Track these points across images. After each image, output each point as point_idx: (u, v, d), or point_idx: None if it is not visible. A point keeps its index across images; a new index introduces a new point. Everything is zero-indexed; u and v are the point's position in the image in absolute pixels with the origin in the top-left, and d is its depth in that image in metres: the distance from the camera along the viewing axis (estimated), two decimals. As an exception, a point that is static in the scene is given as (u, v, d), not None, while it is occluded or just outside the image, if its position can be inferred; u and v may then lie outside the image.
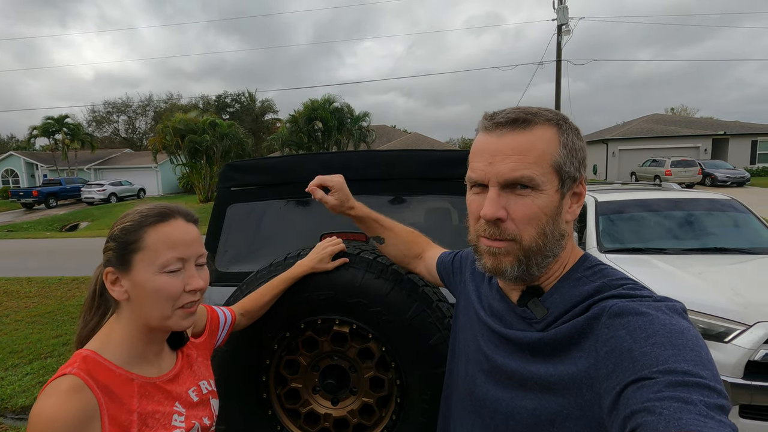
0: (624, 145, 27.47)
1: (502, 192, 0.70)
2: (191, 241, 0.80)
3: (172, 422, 0.77)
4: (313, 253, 1.29)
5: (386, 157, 1.84)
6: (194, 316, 0.81)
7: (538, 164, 0.68)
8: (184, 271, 0.79)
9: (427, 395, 1.26)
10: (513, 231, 0.70)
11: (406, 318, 1.25)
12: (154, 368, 0.81)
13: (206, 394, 0.88)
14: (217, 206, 1.97)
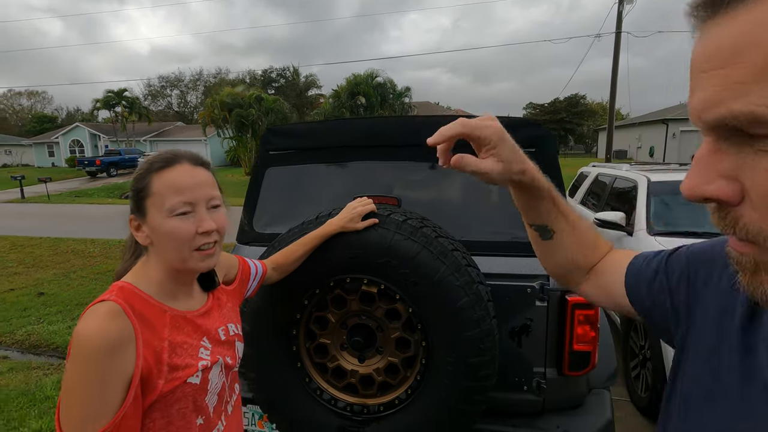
0: (687, 126, 25.37)
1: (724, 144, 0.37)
2: (197, 184, 0.82)
3: (198, 353, 0.81)
4: (343, 213, 1.30)
5: (428, 122, 1.80)
6: (213, 258, 0.84)
7: None
8: (194, 214, 0.81)
9: (452, 358, 1.27)
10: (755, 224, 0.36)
11: (434, 281, 1.25)
12: (185, 305, 0.86)
13: (233, 336, 0.93)
14: (256, 169, 2.03)
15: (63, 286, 6.70)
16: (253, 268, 1.14)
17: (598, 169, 5.65)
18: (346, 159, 1.89)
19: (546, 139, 1.75)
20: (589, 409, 1.73)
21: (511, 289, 1.63)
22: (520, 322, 1.64)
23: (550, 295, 1.63)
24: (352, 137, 1.87)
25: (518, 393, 1.67)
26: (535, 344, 1.65)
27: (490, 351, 1.26)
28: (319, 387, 1.42)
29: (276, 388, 1.42)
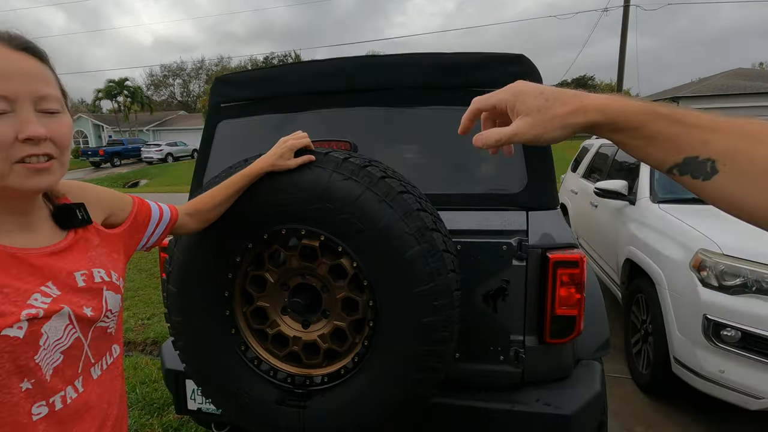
0: (697, 104, 24.61)
1: None
2: (17, 74, 0.61)
3: (28, 300, 0.63)
4: (272, 149, 1.10)
5: (386, 62, 1.58)
6: (46, 177, 0.64)
7: None
8: (14, 115, 0.61)
9: (402, 318, 1.08)
10: None
11: (379, 227, 1.05)
12: (20, 240, 0.67)
13: (99, 283, 0.73)
14: (207, 124, 1.84)
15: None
16: (156, 212, 0.94)
17: (600, 141, 5.36)
18: (305, 107, 1.68)
19: (527, 76, 1.52)
20: (575, 381, 1.53)
21: (485, 246, 1.43)
22: (495, 284, 1.44)
23: (529, 253, 1.42)
24: (310, 83, 1.66)
25: (494, 364, 1.48)
26: (513, 309, 1.45)
27: (447, 309, 1.07)
28: (257, 356, 1.24)
29: (207, 357, 1.24)
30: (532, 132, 0.55)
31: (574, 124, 0.53)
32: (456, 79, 1.52)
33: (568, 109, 0.53)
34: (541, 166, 1.49)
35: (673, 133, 0.47)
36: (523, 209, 1.46)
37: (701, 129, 0.46)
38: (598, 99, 0.52)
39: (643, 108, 0.49)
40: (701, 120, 0.47)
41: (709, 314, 2.27)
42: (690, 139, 0.46)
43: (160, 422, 2.53)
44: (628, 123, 0.49)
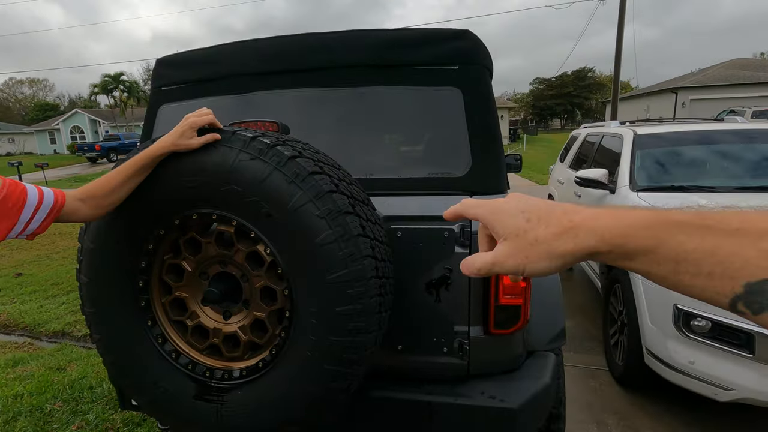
0: (697, 95, 24.42)
1: None
2: None
3: None
4: (175, 128, 1.02)
5: (327, 39, 1.50)
6: None
7: None
8: None
9: (315, 307, 1.01)
10: None
11: (288, 210, 0.98)
12: None
13: None
14: (148, 109, 1.76)
15: (42, 267, 6.60)
16: (34, 196, 0.86)
17: (588, 129, 5.28)
18: (246, 89, 1.61)
19: (472, 53, 1.44)
20: (524, 373, 1.47)
21: (426, 233, 1.36)
22: (437, 273, 1.38)
23: (472, 240, 1.35)
24: (250, 63, 1.59)
25: (438, 356, 1.42)
26: (456, 299, 1.38)
27: (363, 298, 1.00)
28: (175, 349, 1.17)
29: (122, 350, 1.18)
30: (510, 262, 0.43)
31: (563, 252, 0.40)
32: (398, 57, 1.44)
33: (553, 231, 0.41)
34: (487, 148, 1.42)
35: (708, 248, 0.32)
36: (468, 193, 1.39)
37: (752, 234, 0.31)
38: (593, 216, 0.39)
39: (651, 219, 0.35)
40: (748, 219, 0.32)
41: (679, 304, 2.21)
42: (741, 252, 0.31)
43: (122, 417, 2.48)
44: (636, 246, 0.36)
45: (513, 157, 4.19)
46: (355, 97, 1.50)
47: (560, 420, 1.68)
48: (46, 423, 2.45)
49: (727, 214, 0.34)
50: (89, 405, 2.62)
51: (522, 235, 0.42)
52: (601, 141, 4.37)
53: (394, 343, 1.42)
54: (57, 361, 3.35)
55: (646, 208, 0.39)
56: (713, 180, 3.16)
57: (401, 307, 1.36)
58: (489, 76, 1.51)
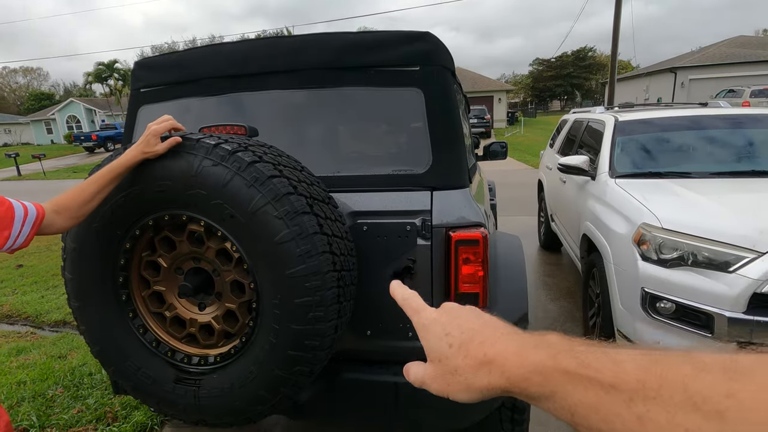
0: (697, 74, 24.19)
1: None
2: None
3: None
4: (141, 138, 1.11)
5: (294, 43, 1.57)
6: None
7: None
8: None
9: (277, 299, 1.11)
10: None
11: (248, 212, 1.07)
12: None
13: None
14: (128, 109, 1.83)
15: (42, 258, 6.73)
16: (20, 211, 0.94)
17: (575, 115, 5.31)
18: (219, 91, 1.68)
19: (432, 55, 1.50)
20: (485, 355, 1.58)
21: (390, 227, 1.45)
22: (401, 263, 1.47)
23: (433, 233, 1.44)
24: (221, 67, 1.65)
25: (404, 340, 1.52)
26: (420, 287, 1.48)
27: (320, 290, 1.09)
28: (155, 338, 1.28)
29: (107, 340, 1.28)
30: (434, 386, 0.43)
31: (479, 387, 0.38)
32: (362, 59, 1.51)
33: (470, 363, 0.39)
34: (447, 145, 1.50)
35: (591, 403, 0.31)
36: (428, 189, 1.48)
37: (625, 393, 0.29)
38: (503, 353, 0.37)
39: (543, 366, 0.34)
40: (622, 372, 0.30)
41: (646, 287, 2.31)
42: (620, 413, 0.29)
43: (120, 401, 2.62)
44: (535, 392, 0.35)
45: (499, 144, 4.25)
46: (322, 98, 1.57)
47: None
48: (48, 408, 2.59)
49: (604, 362, 0.31)
50: (89, 390, 2.76)
51: (444, 361, 0.42)
52: (587, 127, 4.42)
53: (364, 329, 1.52)
54: (58, 350, 3.49)
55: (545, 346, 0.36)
56: (692, 166, 3.23)
57: (369, 295, 1.46)
58: (450, 75, 1.57)
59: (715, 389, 0.25)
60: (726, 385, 0.25)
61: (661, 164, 3.29)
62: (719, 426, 0.24)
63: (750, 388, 0.24)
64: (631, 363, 0.30)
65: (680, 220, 2.34)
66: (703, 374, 0.26)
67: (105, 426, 2.40)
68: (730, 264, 2.10)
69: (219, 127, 1.35)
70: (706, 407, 0.25)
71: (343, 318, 1.22)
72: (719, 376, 0.26)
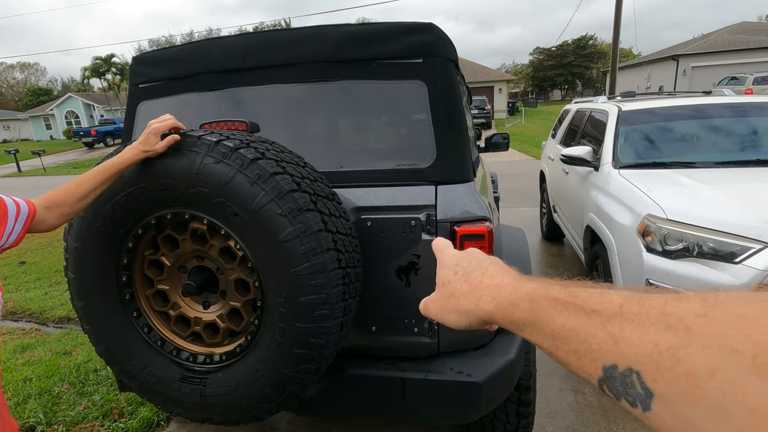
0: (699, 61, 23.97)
1: None
2: None
3: None
4: (140, 136, 1.09)
5: (293, 36, 1.54)
6: None
7: None
8: None
9: (282, 298, 1.10)
10: None
11: (252, 209, 1.05)
12: None
13: None
14: (128, 105, 1.81)
15: (45, 255, 6.74)
16: (12, 207, 0.90)
17: (577, 105, 5.26)
18: (218, 86, 1.65)
19: (436, 46, 1.48)
20: (491, 350, 1.58)
21: (394, 222, 1.44)
22: (406, 259, 1.46)
23: (438, 227, 1.43)
24: (220, 61, 1.63)
25: (409, 336, 1.52)
26: (425, 283, 1.47)
27: (325, 288, 1.08)
28: (160, 337, 1.27)
29: (112, 339, 1.28)
30: (432, 308, 0.46)
31: (466, 309, 0.41)
32: (363, 51, 1.48)
33: (466, 288, 0.42)
34: (451, 139, 1.48)
35: (573, 326, 0.32)
36: (433, 184, 1.46)
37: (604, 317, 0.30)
38: (499, 284, 0.40)
39: (534, 293, 0.36)
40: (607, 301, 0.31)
41: (651, 278, 2.30)
42: (596, 334, 0.30)
43: (126, 397, 2.63)
44: (520, 317, 0.36)
45: (501, 135, 4.22)
46: (323, 92, 1.54)
47: (530, 391, 1.80)
48: (55, 404, 2.60)
49: (593, 293, 0.33)
50: (95, 387, 2.77)
51: (446, 286, 0.45)
52: (589, 117, 4.38)
53: (369, 325, 1.52)
54: (63, 346, 3.50)
55: (537, 279, 0.39)
56: (696, 155, 3.20)
57: (374, 291, 1.45)
58: (454, 67, 1.55)
59: (690, 310, 0.26)
60: (701, 308, 0.26)
61: (665, 154, 3.26)
62: (685, 338, 0.25)
63: (721, 309, 0.25)
64: (616, 294, 0.32)
65: (685, 210, 2.32)
66: (680, 301, 0.28)
67: (111, 422, 2.41)
68: (736, 255, 2.09)
69: (220, 123, 1.33)
70: (677, 325, 0.26)
71: (349, 315, 1.21)
72: (697, 302, 0.27)
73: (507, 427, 1.83)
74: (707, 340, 0.24)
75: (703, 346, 0.24)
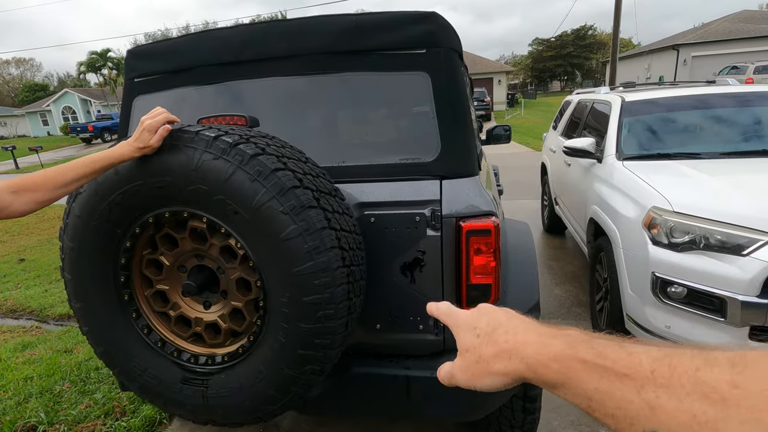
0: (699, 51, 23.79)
1: None
2: None
3: None
4: (134, 133, 1.05)
5: (292, 27, 1.49)
6: None
7: None
8: None
9: (286, 297, 1.07)
10: None
11: (252, 207, 1.02)
12: None
13: None
14: (123, 100, 1.77)
15: (44, 252, 6.72)
16: None
17: (579, 96, 5.21)
18: (215, 79, 1.61)
19: (439, 36, 1.43)
20: (497, 346, 1.55)
21: (398, 218, 1.40)
22: (410, 255, 1.43)
23: (443, 223, 1.40)
24: (217, 53, 1.58)
25: (414, 333, 1.49)
26: (430, 279, 1.44)
27: (329, 287, 1.05)
28: (161, 338, 1.25)
29: (111, 341, 1.25)
30: (462, 377, 0.45)
31: (498, 371, 0.41)
32: (364, 42, 1.44)
33: (493, 351, 0.42)
34: (456, 132, 1.44)
35: (606, 390, 0.32)
36: (437, 178, 1.42)
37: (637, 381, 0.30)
38: (524, 342, 0.40)
39: (561, 354, 0.36)
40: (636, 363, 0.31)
41: (657, 272, 2.27)
42: (632, 400, 0.31)
43: (128, 396, 2.61)
44: (552, 378, 0.36)
45: (502, 128, 4.17)
46: (324, 85, 1.50)
47: (536, 386, 1.78)
48: (56, 403, 2.58)
49: (620, 353, 0.33)
50: (96, 385, 2.75)
51: (472, 351, 0.45)
52: (591, 108, 4.33)
53: (373, 322, 1.49)
54: (64, 344, 3.48)
55: (561, 334, 0.39)
56: (701, 146, 3.16)
57: (378, 289, 1.42)
58: (458, 58, 1.50)
59: (722, 380, 0.27)
60: (732, 376, 0.27)
61: (669, 145, 3.22)
62: (723, 411, 0.26)
63: (752, 379, 0.26)
64: (645, 355, 0.32)
65: (692, 202, 2.29)
66: (711, 367, 0.28)
67: (113, 421, 2.39)
68: (744, 247, 2.06)
69: (218, 118, 1.29)
70: (713, 395, 0.27)
71: (354, 314, 1.18)
72: (726, 369, 0.27)
73: (513, 423, 1.81)
74: (744, 414, 0.25)
75: (741, 421, 0.25)
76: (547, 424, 2.17)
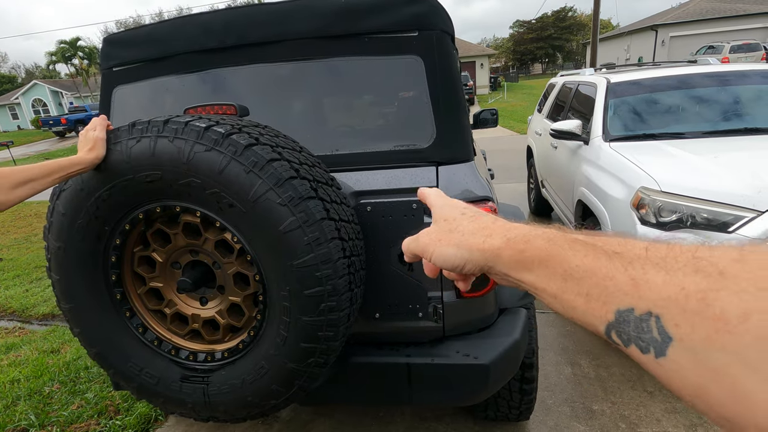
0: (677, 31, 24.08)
1: None
2: None
3: None
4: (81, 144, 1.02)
5: (277, 11, 1.43)
6: None
7: None
8: None
9: (286, 291, 1.04)
10: None
11: (249, 199, 0.98)
12: None
13: None
14: (102, 91, 1.69)
15: (22, 251, 6.51)
16: None
17: (564, 78, 5.22)
18: (199, 67, 1.54)
19: (431, 18, 1.39)
20: (496, 331, 1.56)
21: (395, 206, 1.38)
22: None
23: None
24: (199, 39, 1.51)
25: (414, 321, 1.49)
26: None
27: (331, 279, 1.03)
28: (156, 337, 1.21)
29: (104, 341, 1.21)
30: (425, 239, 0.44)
31: (470, 245, 0.39)
32: (354, 26, 1.39)
33: (474, 227, 0.40)
34: (451, 117, 1.41)
35: (589, 266, 0.30)
36: (433, 164, 1.40)
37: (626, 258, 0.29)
38: (513, 227, 0.39)
39: (552, 234, 0.35)
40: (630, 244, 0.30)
41: (646, 251, 2.31)
42: (614, 276, 0.28)
43: (120, 394, 2.57)
44: (532, 255, 0.35)
45: (489, 111, 4.15)
46: (313, 71, 1.45)
47: (533, 368, 1.80)
48: (47, 405, 2.52)
49: (614, 238, 0.32)
50: (87, 385, 2.70)
51: (449, 221, 0.43)
52: (576, 90, 4.35)
53: (372, 311, 1.48)
54: (50, 344, 3.39)
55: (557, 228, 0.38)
56: (686, 126, 3.21)
57: (376, 277, 1.40)
58: (450, 41, 1.47)
59: (725, 256, 0.25)
60: (738, 254, 0.24)
61: (655, 126, 3.26)
62: (717, 282, 0.24)
63: (761, 254, 0.24)
64: (642, 240, 0.30)
65: (678, 182, 2.32)
66: (716, 248, 0.26)
67: (107, 420, 2.35)
68: (729, 224, 2.11)
69: (206, 108, 1.24)
70: (709, 269, 0.24)
71: (355, 305, 1.17)
72: (733, 248, 0.25)
73: (511, 405, 1.84)
74: (743, 283, 0.23)
75: (739, 290, 0.23)
76: (542, 402, 2.22)
